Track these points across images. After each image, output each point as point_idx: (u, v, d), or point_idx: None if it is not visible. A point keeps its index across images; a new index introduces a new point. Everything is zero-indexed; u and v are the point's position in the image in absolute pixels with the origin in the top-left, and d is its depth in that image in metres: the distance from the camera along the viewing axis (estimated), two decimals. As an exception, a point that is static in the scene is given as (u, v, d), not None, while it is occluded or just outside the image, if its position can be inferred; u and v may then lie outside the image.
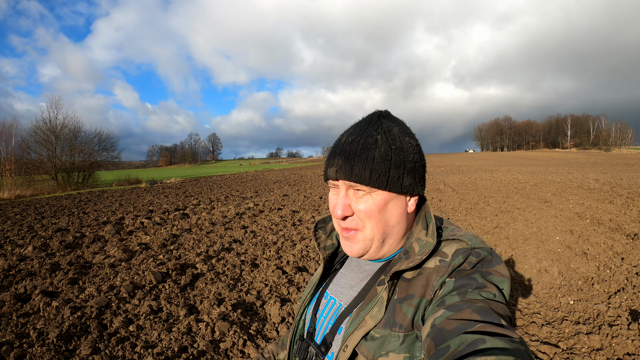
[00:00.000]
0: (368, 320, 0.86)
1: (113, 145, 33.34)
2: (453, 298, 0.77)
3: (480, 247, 0.87)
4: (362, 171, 0.87)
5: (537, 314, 4.15)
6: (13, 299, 4.45)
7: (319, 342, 0.99)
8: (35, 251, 6.71)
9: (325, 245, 1.15)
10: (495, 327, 0.66)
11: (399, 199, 0.93)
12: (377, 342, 0.84)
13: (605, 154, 70.02)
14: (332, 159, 0.93)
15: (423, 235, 0.93)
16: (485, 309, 0.72)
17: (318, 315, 1.05)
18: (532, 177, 17.79)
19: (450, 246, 0.89)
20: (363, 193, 0.91)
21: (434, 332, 0.71)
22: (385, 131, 0.91)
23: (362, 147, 0.89)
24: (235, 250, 6.79)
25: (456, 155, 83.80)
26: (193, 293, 4.76)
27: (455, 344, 0.64)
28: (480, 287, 0.78)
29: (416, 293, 0.85)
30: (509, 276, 0.85)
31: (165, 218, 10.23)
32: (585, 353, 3.39)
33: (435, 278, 0.84)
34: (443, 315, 0.73)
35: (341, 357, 0.87)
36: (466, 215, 9.51)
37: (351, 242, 0.95)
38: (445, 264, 0.85)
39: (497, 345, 0.61)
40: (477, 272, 0.82)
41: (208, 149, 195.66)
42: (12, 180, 23.94)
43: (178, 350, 3.36)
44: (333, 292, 1.06)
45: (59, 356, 3.26)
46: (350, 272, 1.07)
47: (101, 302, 4.29)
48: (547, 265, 5.57)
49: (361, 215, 0.92)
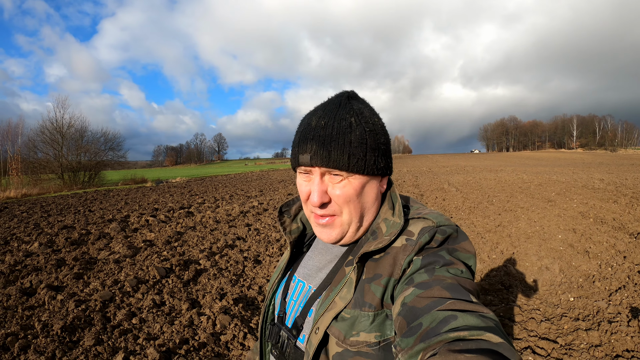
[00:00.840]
0: (338, 302, 0.86)
1: (119, 145, 33.62)
2: (422, 276, 0.77)
3: (446, 224, 0.88)
4: (340, 156, 0.85)
5: (536, 310, 4.16)
6: (19, 293, 4.53)
7: (290, 326, 0.99)
8: (41, 247, 6.80)
9: (291, 229, 1.13)
10: (466, 303, 0.67)
11: (374, 181, 0.93)
12: (347, 323, 0.84)
13: (611, 154, 69.47)
14: (304, 145, 0.89)
15: (390, 215, 0.93)
16: (455, 285, 0.73)
17: (288, 299, 1.05)
18: (536, 177, 17.72)
19: (416, 225, 0.88)
20: (340, 178, 0.89)
21: (405, 311, 0.72)
22: (357, 113, 0.89)
23: (337, 132, 0.86)
24: (239, 247, 6.85)
25: (461, 156, 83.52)
26: (196, 288, 4.82)
27: (428, 321, 0.65)
28: (448, 264, 0.79)
29: (384, 272, 0.84)
30: (475, 252, 0.87)
31: (170, 216, 10.32)
32: (584, 349, 3.40)
33: (403, 257, 0.84)
34: (413, 293, 0.73)
35: (313, 339, 0.87)
36: (469, 214, 9.51)
37: (329, 229, 0.94)
38: (412, 242, 0.84)
39: (468, 322, 0.62)
40: (443, 249, 0.83)
41: (214, 149, 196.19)
42: (19, 179, 24.22)
43: (179, 342, 3.41)
44: (301, 276, 1.06)
45: (62, 347, 3.32)
46: (318, 254, 1.07)
47: (105, 296, 4.35)
48: (548, 263, 5.57)
49: (339, 200, 0.90)
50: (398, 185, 17.59)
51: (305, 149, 0.89)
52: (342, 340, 0.83)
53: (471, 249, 0.86)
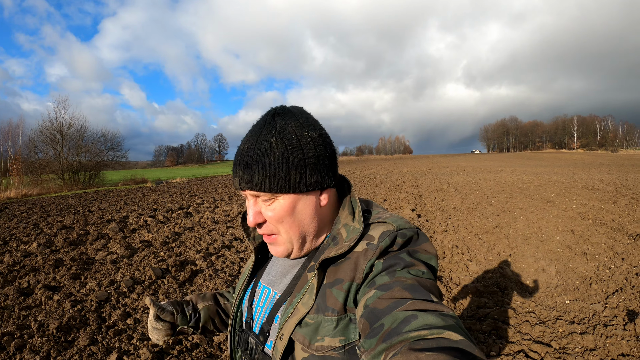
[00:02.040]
0: (300, 308, 0.88)
1: (119, 144, 33.60)
2: (383, 278, 0.78)
3: (406, 227, 0.89)
4: (261, 179, 0.86)
5: (531, 313, 4.15)
6: (16, 293, 4.55)
7: (257, 332, 1.01)
8: (40, 248, 6.82)
9: (255, 235, 1.14)
10: (426, 303, 0.69)
11: (307, 197, 0.92)
12: (311, 328, 0.85)
13: (611, 154, 69.39)
14: (235, 169, 0.92)
15: (350, 220, 0.93)
16: (415, 286, 0.74)
17: (254, 306, 1.06)
18: (536, 178, 17.72)
19: (376, 229, 0.89)
20: (270, 201, 0.90)
21: (367, 313, 0.73)
22: (279, 132, 0.88)
23: (257, 154, 0.87)
24: (236, 247, 6.86)
25: (462, 156, 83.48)
26: (191, 288, 4.83)
27: (389, 322, 0.66)
28: (409, 265, 0.80)
29: (346, 277, 0.85)
30: (436, 253, 0.88)
31: (168, 216, 10.34)
32: (578, 353, 3.38)
33: (364, 261, 0.85)
34: (374, 295, 0.75)
35: (278, 345, 0.88)
36: (467, 215, 9.51)
37: (274, 246, 0.97)
38: (373, 246, 0.85)
39: (429, 321, 0.63)
40: (404, 251, 0.84)
41: (214, 149, 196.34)
42: (19, 179, 24.26)
43: (172, 343, 3.42)
44: (266, 282, 1.07)
45: (57, 346, 3.34)
46: (281, 260, 1.07)
47: (101, 296, 4.37)
48: (545, 265, 5.56)
49: (272, 221, 0.92)
50: (397, 185, 17.59)
51: (235, 173, 0.91)
52: (307, 346, 0.85)
53: (432, 250, 0.87)
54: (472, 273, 5.44)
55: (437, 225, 8.54)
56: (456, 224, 8.55)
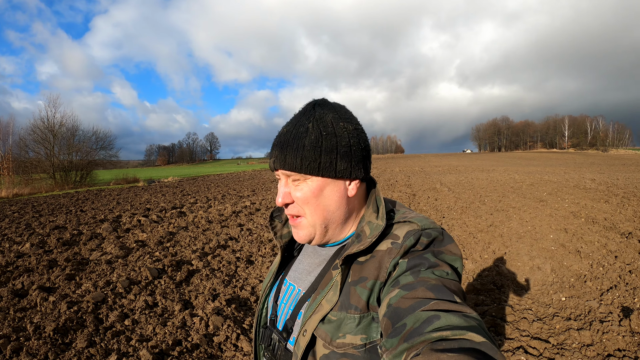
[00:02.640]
0: (324, 304, 0.88)
1: (110, 143, 33.27)
2: (407, 278, 0.78)
3: (431, 227, 0.89)
4: (294, 159, 0.90)
5: (528, 310, 4.19)
6: (10, 294, 4.49)
7: (280, 328, 1.02)
8: (33, 248, 6.74)
9: (282, 233, 1.16)
10: (450, 303, 0.69)
11: (335, 184, 0.94)
12: (333, 325, 0.85)
13: (602, 154, 70.22)
14: (272, 151, 0.97)
15: (374, 218, 0.94)
16: (439, 286, 0.74)
17: (279, 303, 1.07)
18: (528, 177, 17.87)
19: (401, 228, 0.90)
20: (299, 181, 0.94)
21: (390, 312, 0.73)
22: (317, 119, 0.93)
23: (293, 137, 0.92)
24: (231, 247, 6.83)
25: (454, 156, 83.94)
26: (188, 289, 4.80)
27: (411, 322, 0.67)
28: (433, 266, 0.81)
29: (370, 275, 0.86)
30: (461, 254, 0.88)
31: (162, 216, 10.26)
32: (576, 349, 3.43)
33: (388, 260, 0.85)
34: (398, 294, 0.75)
35: (300, 341, 0.89)
36: (461, 214, 9.56)
37: (297, 229, 0.99)
38: (397, 245, 0.86)
39: (451, 322, 0.63)
40: (429, 252, 0.84)
41: (206, 148, 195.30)
42: (10, 178, 23.92)
43: (172, 344, 3.40)
44: (292, 279, 1.08)
45: (55, 349, 3.30)
46: (307, 258, 1.09)
47: (97, 297, 4.32)
48: (540, 263, 5.61)
49: (299, 202, 0.95)
50: (390, 185, 17.64)
51: (272, 154, 0.97)
52: (328, 342, 0.85)
53: (457, 251, 0.88)
54: (469, 271, 5.47)
55: (432, 224, 8.58)
56: (450, 223, 8.60)
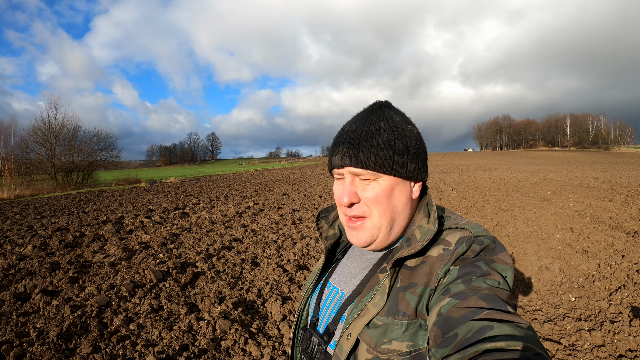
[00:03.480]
0: (370, 308, 0.86)
1: (112, 144, 33.32)
2: (458, 286, 0.76)
3: (484, 235, 0.86)
4: (367, 156, 0.87)
5: (538, 311, 4.15)
6: (13, 298, 4.44)
7: (321, 332, 0.99)
8: (35, 250, 6.70)
9: (328, 235, 1.14)
10: (502, 313, 0.67)
11: (404, 184, 0.93)
12: (379, 330, 0.83)
13: (604, 152, 70.07)
14: (337, 147, 0.93)
15: (425, 222, 0.92)
16: (491, 296, 0.72)
17: (321, 305, 1.05)
18: (531, 176, 17.79)
19: (453, 235, 0.88)
20: (369, 180, 0.90)
21: (440, 321, 0.71)
22: (387, 119, 0.92)
23: (365, 134, 0.89)
24: (236, 248, 6.78)
25: (456, 155, 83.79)
26: (194, 291, 4.75)
27: (463, 331, 0.64)
28: (485, 274, 0.78)
29: (420, 281, 0.84)
30: (512, 264, 0.86)
31: (165, 217, 10.22)
32: (587, 350, 3.39)
33: (439, 266, 0.83)
34: (449, 303, 0.73)
35: (344, 345, 0.86)
36: (466, 214, 9.51)
37: (358, 232, 0.94)
38: (449, 252, 0.84)
39: (505, 332, 0.61)
40: (480, 259, 0.82)
41: (207, 148, 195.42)
42: (12, 180, 23.91)
43: (179, 349, 3.35)
44: (336, 282, 1.05)
45: (59, 355, 3.25)
46: (353, 261, 1.06)
47: (101, 301, 4.28)
48: (547, 263, 5.56)
49: (369, 202, 0.91)
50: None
51: (337, 151, 0.93)
52: (373, 347, 0.84)
53: (509, 260, 0.85)
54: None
55: (436, 224, 8.54)
56: (455, 223, 8.55)
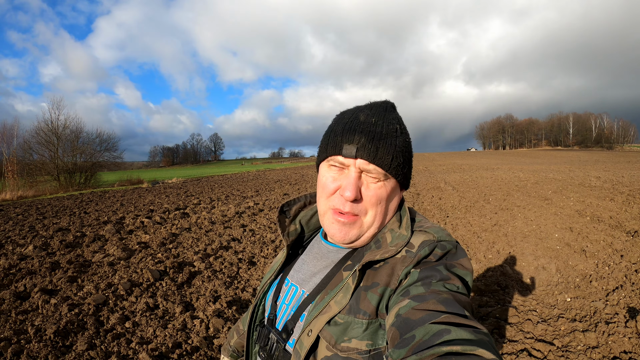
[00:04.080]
0: (333, 306, 0.86)
1: (114, 145, 33.40)
2: (418, 289, 0.77)
3: (446, 240, 0.88)
4: (386, 155, 0.87)
5: (532, 311, 4.14)
6: (12, 297, 4.49)
7: (280, 329, 0.99)
8: (36, 250, 6.75)
9: (289, 231, 1.12)
10: (460, 318, 0.67)
11: (398, 190, 0.96)
12: (340, 328, 0.84)
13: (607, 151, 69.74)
14: (351, 135, 0.88)
15: (396, 227, 0.93)
16: (450, 300, 0.73)
17: (279, 303, 1.04)
18: (533, 175, 17.74)
19: (417, 237, 0.89)
20: (377, 179, 0.90)
21: (399, 322, 0.72)
22: (400, 123, 0.93)
23: (386, 132, 0.88)
24: (234, 248, 6.81)
25: (458, 154, 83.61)
26: (190, 290, 4.78)
27: (421, 334, 0.65)
28: (445, 279, 0.79)
29: (381, 281, 0.85)
30: (472, 269, 0.87)
31: (165, 217, 10.27)
32: (581, 351, 3.38)
33: (401, 267, 0.84)
34: (408, 305, 0.73)
35: (305, 341, 0.87)
36: (465, 213, 9.50)
37: (347, 227, 0.92)
38: (412, 254, 0.85)
39: (462, 336, 0.62)
40: (441, 264, 0.83)
41: (210, 149, 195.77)
42: (14, 181, 24.05)
43: (172, 346, 3.38)
44: (295, 280, 1.05)
45: (55, 352, 3.29)
46: (313, 259, 1.06)
47: (98, 300, 4.31)
48: (544, 263, 5.55)
49: (371, 201, 0.90)
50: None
51: (352, 140, 0.88)
52: (333, 345, 0.84)
53: (469, 266, 0.87)
54: (473, 271, 5.42)
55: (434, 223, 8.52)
56: (454, 223, 8.54)
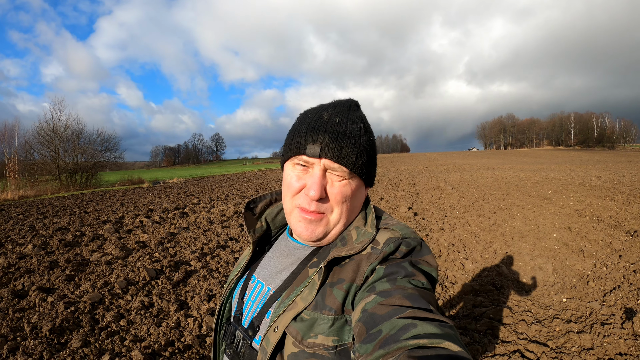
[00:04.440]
0: (299, 302, 0.87)
1: (115, 145, 33.43)
2: (383, 285, 0.78)
3: (411, 237, 0.89)
4: (350, 155, 0.88)
5: (527, 312, 4.13)
6: (10, 295, 4.51)
7: (246, 326, 0.99)
8: (35, 249, 6.77)
9: (255, 228, 1.12)
10: (426, 312, 0.68)
11: (363, 188, 0.97)
12: (306, 324, 0.84)
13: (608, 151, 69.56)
14: (315, 135, 0.89)
15: (362, 224, 0.94)
16: (415, 295, 0.74)
17: (245, 300, 1.04)
18: (533, 175, 17.71)
19: (382, 234, 0.90)
20: (342, 177, 0.91)
21: (365, 317, 0.72)
22: (364, 122, 0.93)
23: (350, 131, 0.89)
24: (231, 247, 6.83)
25: (459, 154, 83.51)
26: (185, 289, 4.80)
27: (387, 328, 0.66)
28: (410, 275, 0.80)
29: (347, 278, 0.85)
30: (437, 266, 0.88)
31: (164, 217, 10.29)
32: (575, 352, 3.35)
33: (366, 264, 0.85)
34: (374, 300, 0.74)
35: (271, 337, 0.87)
36: (464, 213, 9.49)
37: (314, 225, 0.93)
38: (377, 251, 0.86)
39: (428, 330, 0.63)
40: (406, 260, 0.84)
41: (212, 149, 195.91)
42: (16, 181, 24.13)
43: (165, 344, 3.40)
44: (261, 277, 1.05)
45: (50, 349, 3.31)
46: (279, 256, 1.06)
47: (94, 298, 4.33)
48: (541, 263, 5.54)
49: (337, 198, 0.91)
50: (394, 184, 17.58)
51: (317, 139, 0.88)
52: (299, 341, 0.84)
53: (434, 262, 0.88)
54: (468, 271, 5.42)
55: (433, 223, 8.52)
56: (452, 222, 8.53)
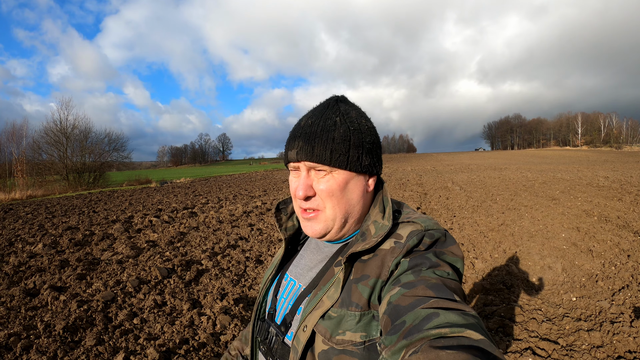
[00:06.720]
0: (325, 301, 0.88)
1: (123, 145, 33.70)
2: (408, 277, 0.79)
3: (434, 228, 0.90)
4: (323, 151, 0.90)
5: (538, 310, 4.14)
6: (22, 293, 4.57)
7: (279, 323, 1.02)
8: (45, 248, 6.85)
9: (287, 226, 1.16)
10: (449, 302, 0.69)
11: (358, 178, 0.96)
12: (334, 321, 0.86)
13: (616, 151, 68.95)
14: (293, 142, 0.95)
15: (379, 218, 0.95)
16: (439, 285, 0.74)
17: (278, 297, 1.07)
18: (541, 175, 17.63)
19: (405, 228, 0.91)
20: (324, 173, 0.93)
21: (390, 309, 0.74)
22: (343, 114, 0.94)
23: (321, 129, 0.91)
24: (241, 247, 6.87)
25: (467, 154, 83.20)
26: (197, 288, 4.84)
27: (411, 319, 0.67)
28: (434, 266, 0.81)
29: (372, 273, 0.87)
30: (462, 256, 0.89)
31: (173, 216, 10.36)
32: (585, 350, 3.37)
33: (391, 259, 0.86)
34: (399, 292, 0.75)
35: (301, 336, 0.89)
36: (472, 213, 9.47)
37: (312, 223, 0.97)
38: (400, 245, 0.87)
39: (450, 319, 0.63)
40: (431, 252, 0.85)
41: (218, 149, 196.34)
42: (24, 180, 24.39)
43: (179, 342, 3.43)
44: (293, 274, 1.08)
45: (64, 347, 3.35)
46: (310, 254, 1.09)
47: (107, 296, 4.38)
48: (550, 262, 5.54)
49: (323, 194, 0.93)
50: (402, 184, 17.57)
51: (293, 145, 0.94)
52: (328, 339, 0.86)
53: (459, 252, 0.88)
54: (478, 271, 5.42)
55: (442, 223, 8.51)
56: (461, 222, 8.53)
